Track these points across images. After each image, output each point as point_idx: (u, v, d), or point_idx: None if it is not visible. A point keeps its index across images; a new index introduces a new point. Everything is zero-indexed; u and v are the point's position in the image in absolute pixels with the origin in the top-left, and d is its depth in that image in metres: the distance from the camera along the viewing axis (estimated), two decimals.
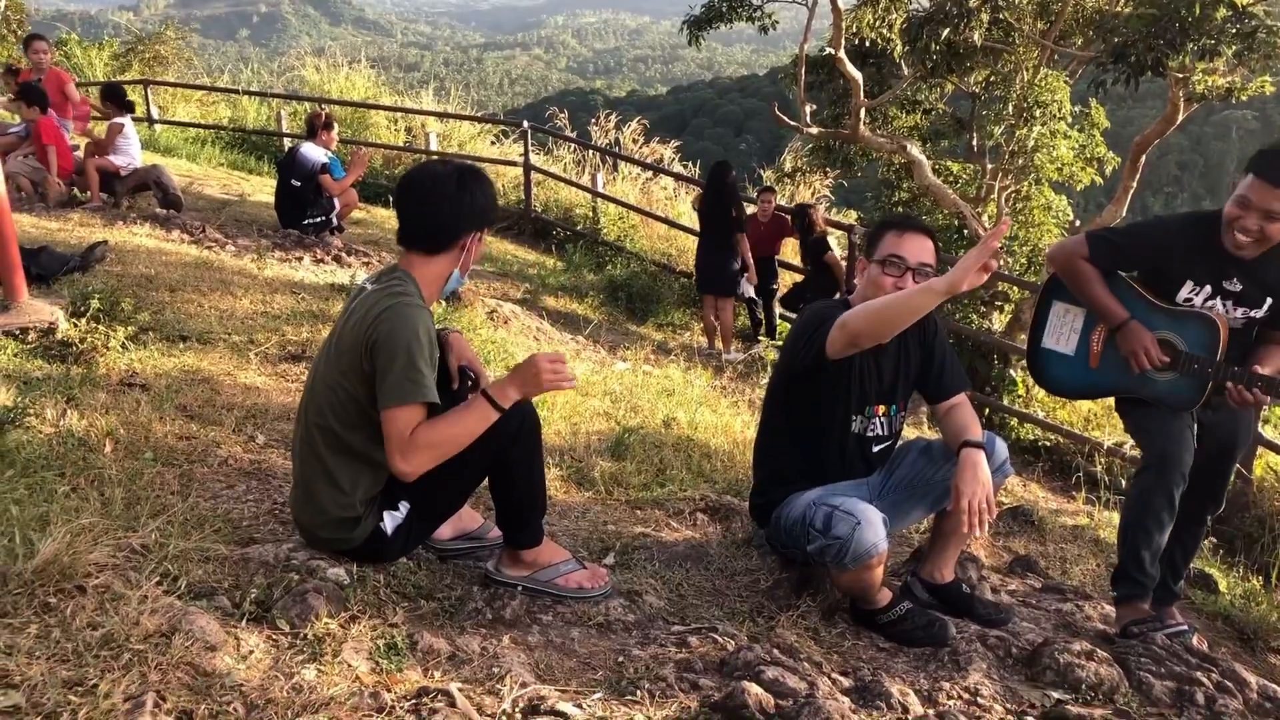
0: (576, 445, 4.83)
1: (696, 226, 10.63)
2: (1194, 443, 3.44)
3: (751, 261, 9.30)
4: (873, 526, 2.84)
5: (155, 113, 15.52)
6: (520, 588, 2.95)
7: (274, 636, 2.37)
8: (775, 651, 2.71)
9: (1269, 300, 3.41)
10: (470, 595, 2.89)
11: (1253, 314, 3.44)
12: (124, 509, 2.97)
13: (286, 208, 8.70)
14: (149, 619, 2.19)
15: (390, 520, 2.81)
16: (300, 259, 7.73)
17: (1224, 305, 3.43)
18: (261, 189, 11.62)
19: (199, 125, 15.71)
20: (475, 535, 3.27)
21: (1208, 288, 3.43)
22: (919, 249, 3.12)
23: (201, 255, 7.12)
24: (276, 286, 6.53)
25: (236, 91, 16.51)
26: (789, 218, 9.86)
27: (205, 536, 2.86)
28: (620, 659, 2.64)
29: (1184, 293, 3.46)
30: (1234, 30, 8.35)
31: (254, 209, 10.11)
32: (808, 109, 12.68)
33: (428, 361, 2.62)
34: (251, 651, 2.25)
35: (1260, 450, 7.52)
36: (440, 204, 2.75)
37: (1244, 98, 10.46)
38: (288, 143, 14.44)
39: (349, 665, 2.30)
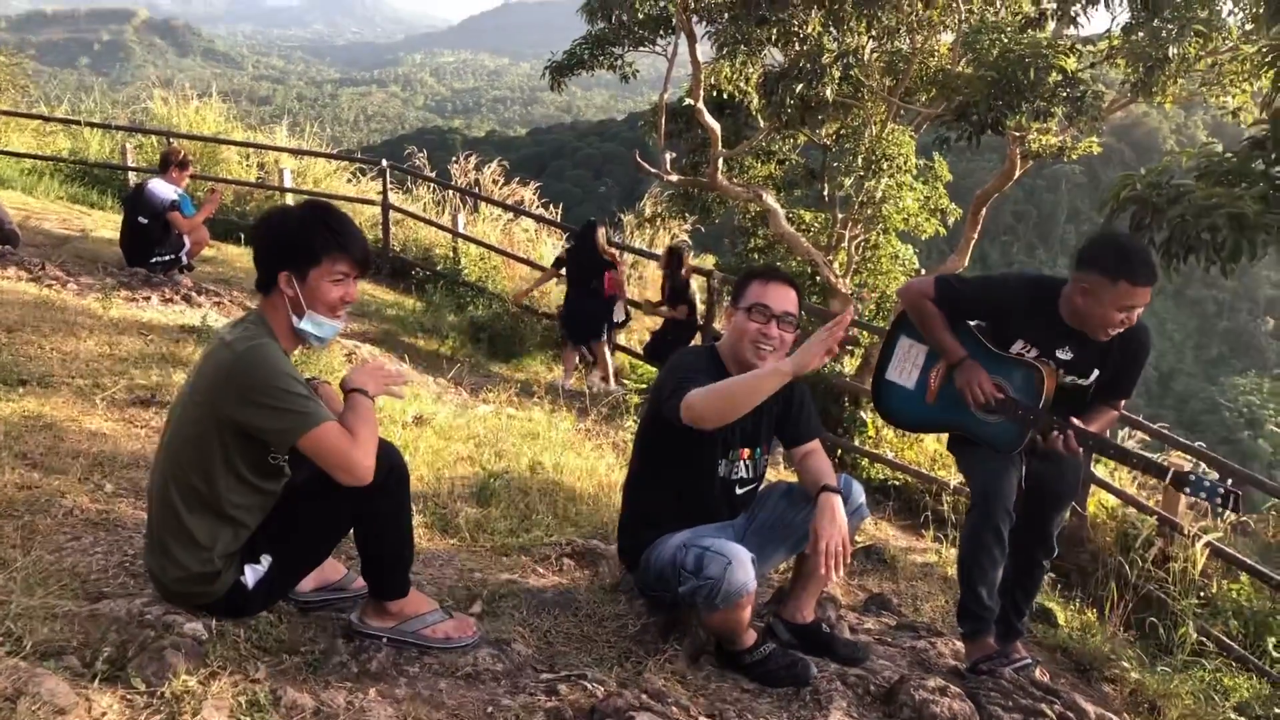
0: (440, 491, 4.78)
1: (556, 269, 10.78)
2: (1018, 482, 3.64)
3: (620, 291, 9.70)
4: (743, 566, 2.92)
5: None
6: (386, 639, 2.90)
7: (129, 697, 2.28)
8: (644, 696, 2.74)
9: (1096, 371, 3.64)
10: (334, 648, 2.83)
11: (1079, 381, 3.66)
12: None
13: (133, 245, 8.36)
14: None
15: (251, 574, 2.72)
16: (148, 299, 7.46)
17: (1053, 366, 3.65)
18: (105, 224, 11.17)
19: (36, 156, 14.98)
20: (338, 586, 3.20)
21: (1037, 350, 3.65)
22: (782, 297, 3.24)
23: (41, 294, 6.80)
24: (123, 328, 6.28)
25: (77, 122, 15.76)
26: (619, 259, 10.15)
27: (51, 592, 2.73)
28: (490, 709, 2.62)
29: (1015, 348, 3.67)
30: (1065, 94, 8.92)
31: (97, 245, 9.70)
32: (668, 156, 12.93)
33: (301, 383, 2.61)
34: (104, 714, 2.17)
35: (1093, 489, 7.95)
36: (257, 239, 2.76)
37: (1074, 156, 11.16)
38: (133, 177, 13.91)
39: None
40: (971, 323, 3.81)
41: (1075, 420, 3.53)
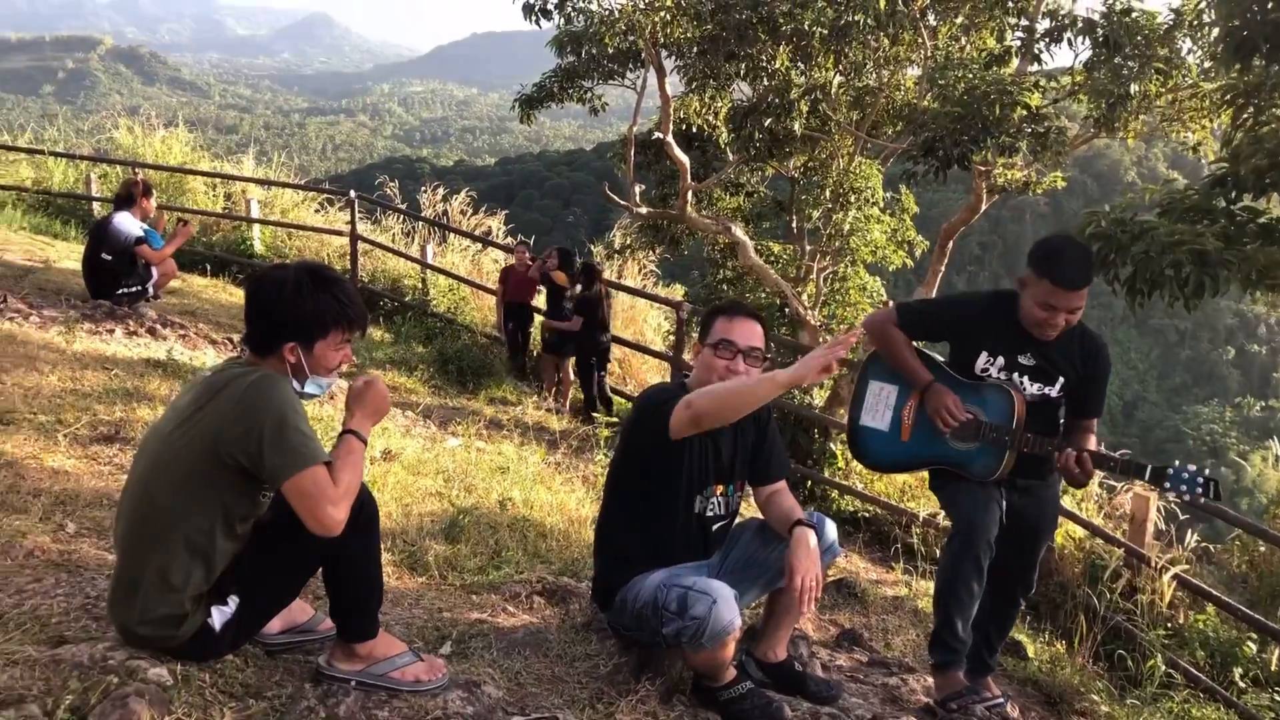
0: (409, 528, 4.74)
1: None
2: (999, 515, 3.65)
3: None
4: (728, 603, 2.91)
5: None
6: (354, 683, 2.85)
7: None
8: None
9: (1061, 379, 3.68)
10: (302, 693, 2.78)
11: (1048, 391, 3.69)
12: None
13: (98, 280, 8.22)
14: None
15: (219, 616, 2.68)
16: (112, 331, 7.37)
17: (1019, 379, 3.69)
18: (68, 255, 11.04)
19: None
20: (305, 628, 3.15)
21: (1002, 359, 3.69)
22: (747, 332, 3.25)
23: (3, 328, 6.71)
24: (87, 362, 6.20)
25: (41, 152, 15.63)
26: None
27: (11, 638, 2.67)
28: None
29: (980, 362, 3.71)
30: (1029, 130, 9.05)
31: (60, 276, 9.59)
32: (636, 188, 12.97)
33: (306, 421, 2.61)
34: None
35: (1060, 520, 7.99)
36: (258, 308, 2.74)
37: (1040, 191, 11.31)
38: (98, 207, 13.78)
39: None
40: (936, 357, 3.86)
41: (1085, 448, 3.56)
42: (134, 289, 8.30)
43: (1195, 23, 9.42)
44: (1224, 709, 5.93)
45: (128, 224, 8.08)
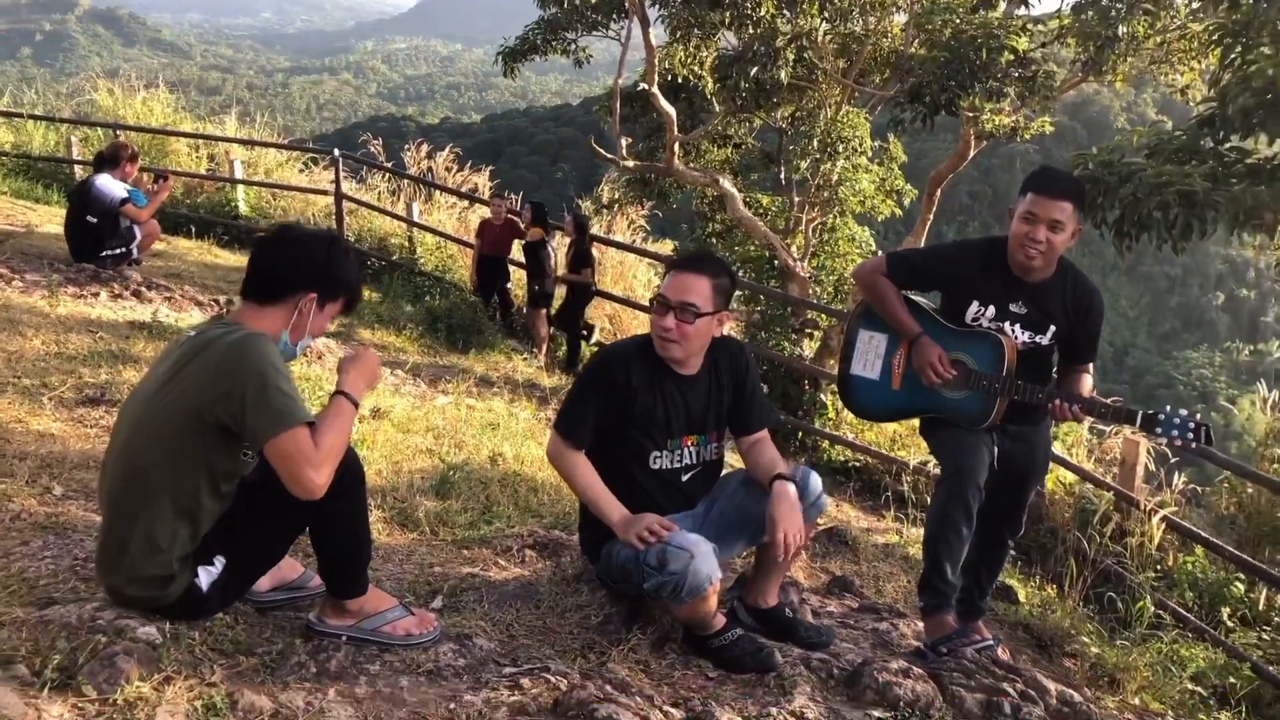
0: (399, 485, 4.74)
1: (520, 257, 11.01)
2: (989, 459, 3.66)
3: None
4: (706, 558, 2.91)
5: None
6: (345, 638, 2.86)
7: (80, 705, 2.23)
8: (608, 688, 2.73)
9: (1052, 327, 3.67)
10: (292, 648, 2.78)
11: (1038, 339, 3.69)
12: None
13: (81, 242, 8.13)
14: None
15: (205, 576, 2.67)
16: (96, 295, 7.31)
17: (1010, 328, 3.68)
18: (50, 219, 10.93)
19: None
20: (295, 585, 3.15)
21: (992, 308, 3.67)
22: (681, 287, 3.17)
23: None
24: (71, 325, 6.16)
25: (20, 115, 15.43)
26: (519, 221, 11.16)
27: None
28: (452, 705, 2.59)
29: (971, 311, 3.70)
30: (1017, 74, 9.00)
31: (43, 241, 9.49)
32: (623, 142, 12.86)
33: (289, 381, 2.59)
34: None
35: (1051, 465, 8.03)
36: (284, 252, 2.74)
37: (1028, 136, 11.24)
38: (79, 170, 13.64)
39: None
40: (926, 304, 3.84)
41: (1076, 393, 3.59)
42: (118, 251, 8.22)
43: None
44: (1212, 648, 6.00)
45: (111, 186, 7.99)
